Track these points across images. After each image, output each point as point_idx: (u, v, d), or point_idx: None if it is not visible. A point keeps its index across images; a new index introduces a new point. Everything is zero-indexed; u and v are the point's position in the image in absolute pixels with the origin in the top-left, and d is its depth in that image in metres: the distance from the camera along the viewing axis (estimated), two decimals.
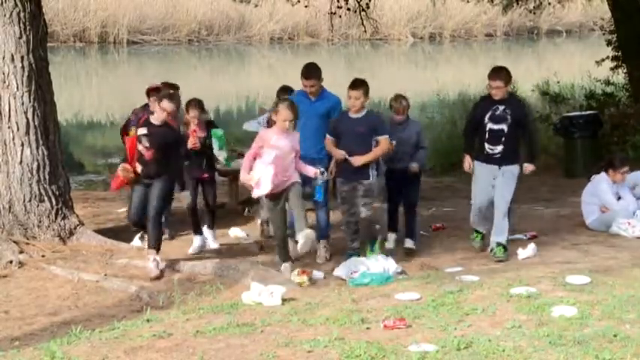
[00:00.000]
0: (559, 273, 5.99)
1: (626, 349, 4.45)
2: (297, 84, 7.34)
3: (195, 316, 5.31)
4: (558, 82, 14.11)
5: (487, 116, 6.79)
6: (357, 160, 6.54)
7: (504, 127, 6.74)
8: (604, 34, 14.04)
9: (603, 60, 13.18)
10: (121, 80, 24.54)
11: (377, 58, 31.43)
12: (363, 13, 13.86)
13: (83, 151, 14.78)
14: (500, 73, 6.87)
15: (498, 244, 6.74)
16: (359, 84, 6.66)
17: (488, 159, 6.82)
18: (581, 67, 15.62)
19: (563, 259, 6.62)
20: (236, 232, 7.88)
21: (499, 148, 6.77)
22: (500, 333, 4.77)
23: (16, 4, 7.08)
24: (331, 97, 6.97)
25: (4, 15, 7.07)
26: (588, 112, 11.64)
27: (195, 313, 5.37)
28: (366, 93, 6.62)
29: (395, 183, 7.18)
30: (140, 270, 6.57)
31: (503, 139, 6.75)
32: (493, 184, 6.84)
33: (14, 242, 6.97)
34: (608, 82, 12.98)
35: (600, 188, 7.86)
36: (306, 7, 13.69)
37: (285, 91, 7.94)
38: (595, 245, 7.10)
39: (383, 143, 6.63)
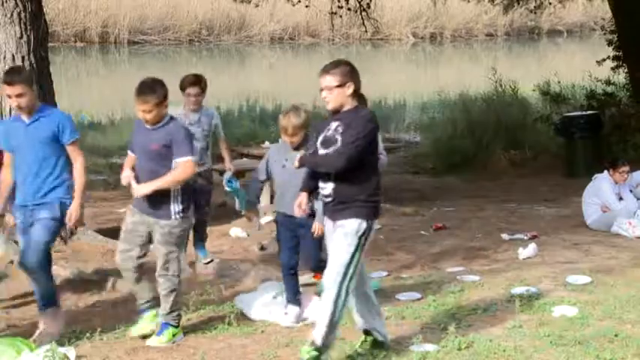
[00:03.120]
0: (560, 273, 5.99)
1: (627, 349, 4.45)
2: (297, 84, 7.34)
3: (196, 316, 5.31)
4: (559, 82, 14.09)
5: (320, 140, 4.46)
6: (139, 190, 4.80)
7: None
8: (605, 34, 14.01)
9: (604, 60, 13.15)
10: (122, 80, 24.54)
11: (378, 58, 31.43)
12: (363, 13, 13.86)
13: (84, 151, 14.76)
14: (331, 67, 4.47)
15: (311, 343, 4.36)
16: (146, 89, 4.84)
17: (325, 205, 4.50)
18: (582, 67, 15.58)
19: (564, 259, 6.62)
20: (237, 232, 7.89)
21: (329, 187, 4.39)
22: (501, 333, 4.77)
23: (17, 5, 7.09)
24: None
25: (5, 15, 7.07)
26: (589, 112, 11.63)
27: (196, 313, 5.37)
28: (161, 97, 4.78)
29: (286, 231, 5.21)
30: None
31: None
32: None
33: (15, 242, 6.96)
34: (608, 82, 12.96)
35: (601, 188, 7.86)
36: (306, 7, 13.69)
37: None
38: (596, 245, 7.10)
39: (181, 167, 4.78)
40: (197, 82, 6.55)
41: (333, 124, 4.36)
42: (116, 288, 6.13)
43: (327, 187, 4.37)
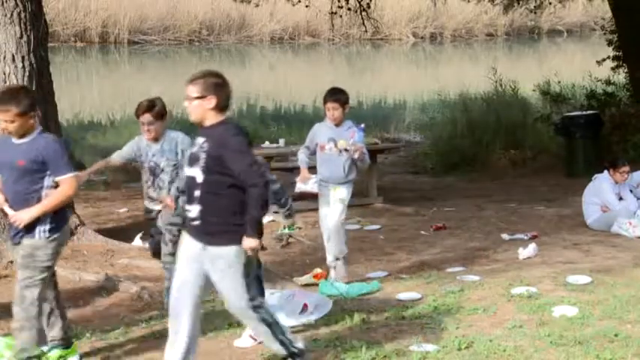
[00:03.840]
0: (560, 273, 5.99)
1: (628, 349, 4.45)
2: (297, 84, 7.33)
3: None
4: (559, 82, 14.10)
5: (187, 156, 4.31)
6: (18, 218, 4.29)
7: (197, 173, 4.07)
8: (605, 33, 14.02)
9: (604, 60, 13.16)
10: (122, 80, 24.54)
11: (378, 58, 31.43)
12: (363, 13, 13.87)
13: (84, 151, 14.75)
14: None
15: None
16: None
17: (190, 228, 4.13)
18: (582, 66, 15.60)
19: (564, 258, 6.61)
20: None
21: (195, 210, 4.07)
22: (501, 333, 4.77)
23: (17, 4, 7.08)
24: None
25: (5, 15, 7.06)
26: (589, 112, 11.62)
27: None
28: (26, 107, 4.27)
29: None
30: (141, 270, 6.57)
31: (197, 193, 4.07)
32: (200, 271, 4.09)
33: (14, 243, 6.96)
34: (608, 82, 12.96)
35: (602, 188, 7.86)
36: (306, 7, 13.69)
37: None
38: (596, 245, 7.09)
39: (63, 186, 4.30)
40: (149, 108, 5.56)
41: (200, 140, 4.08)
42: (117, 288, 6.13)
43: (193, 210, 4.03)
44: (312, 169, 6.19)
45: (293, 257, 7.10)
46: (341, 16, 14.07)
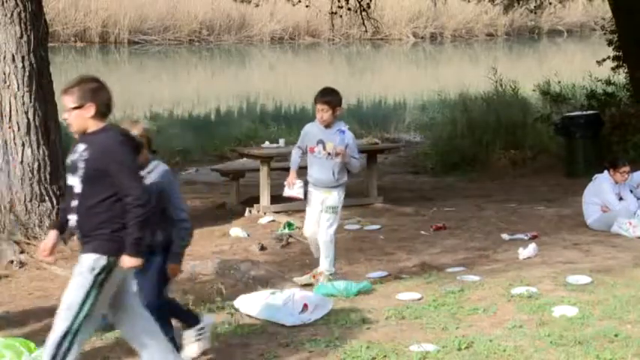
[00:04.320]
0: (560, 273, 5.99)
1: (628, 349, 4.45)
2: (297, 83, 7.33)
3: None
4: (559, 82, 14.10)
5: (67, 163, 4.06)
6: None
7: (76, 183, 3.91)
8: (605, 33, 14.01)
9: (604, 60, 13.15)
10: (122, 80, 24.54)
11: (378, 58, 31.43)
12: (364, 13, 13.86)
13: None
14: None
15: None
16: None
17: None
18: (582, 66, 15.60)
19: (564, 259, 6.61)
20: (237, 232, 7.89)
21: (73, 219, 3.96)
22: (501, 333, 4.77)
23: (17, 4, 7.09)
24: None
25: (5, 15, 7.07)
26: (589, 112, 11.62)
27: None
28: None
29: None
30: None
31: (75, 202, 3.92)
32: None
33: (15, 242, 6.97)
34: (609, 82, 12.96)
35: (602, 188, 7.85)
36: (307, 7, 13.70)
37: None
38: (596, 245, 7.09)
39: None
40: None
41: (80, 147, 3.89)
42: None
43: (72, 219, 3.91)
44: (304, 169, 6.09)
45: (293, 257, 7.10)
46: (341, 16, 14.07)
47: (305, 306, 5.10)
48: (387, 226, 8.08)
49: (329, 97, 5.79)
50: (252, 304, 5.30)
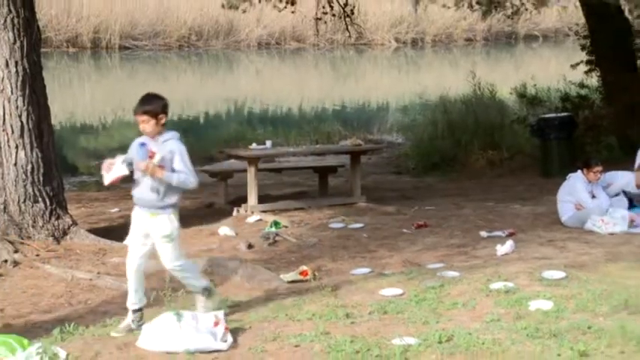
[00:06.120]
0: (536, 268, 6.02)
1: (600, 341, 4.48)
2: (283, 87, 7.32)
3: None
4: (535, 85, 14.17)
5: None
6: None
7: None
8: (578, 39, 14.09)
9: (578, 64, 13.23)
10: (113, 85, 24.42)
11: (361, 62, 31.45)
12: (347, 19, 13.86)
13: (76, 153, 14.71)
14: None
15: None
16: None
17: None
18: (557, 70, 15.68)
19: (539, 255, 6.65)
20: (225, 231, 7.88)
21: None
22: (480, 326, 4.79)
23: (10, 11, 7.04)
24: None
25: None
26: (563, 114, 11.68)
27: (185, 309, 5.35)
28: None
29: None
30: None
31: None
32: None
33: (9, 242, 6.93)
34: (582, 85, 13.04)
35: (575, 187, 7.90)
36: (292, 13, 13.68)
37: None
38: (570, 242, 7.13)
39: None
40: None
41: None
42: (108, 286, 6.11)
43: None
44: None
45: (280, 255, 7.10)
46: (325, 22, 14.06)
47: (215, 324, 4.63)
48: (371, 225, 8.09)
49: (146, 105, 4.82)
50: (164, 339, 4.58)
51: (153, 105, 4.83)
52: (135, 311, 4.96)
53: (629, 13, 12.70)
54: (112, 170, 4.87)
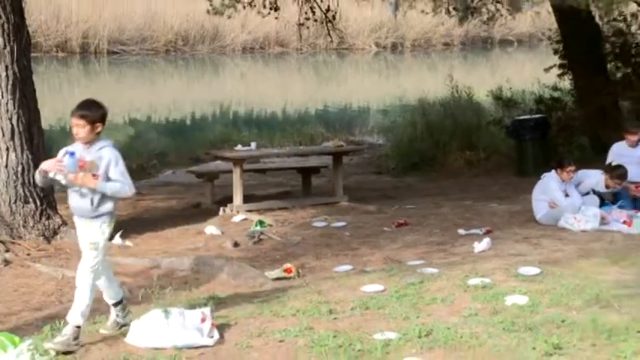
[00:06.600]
0: (512, 265, 6.05)
1: (573, 334, 4.52)
2: (267, 90, 7.31)
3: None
4: (510, 88, 14.25)
5: None
6: None
7: None
8: (551, 43, 14.19)
9: (551, 67, 13.32)
10: (102, 88, 24.26)
11: (343, 66, 31.48)
12: (329, 24, 13.87)
13: None
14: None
15: None
16: None
17: None
18: (531, 74, 15.77)
19: (515, 251, 6.68)
20: (212, 230, 7.85)
21: None
22: (458, 321, 4.81)
23: (0, 16, 6.99)
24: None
25: None
26: (537, 116, 11.76)
27: (173, 307, 5.32)
28: None
29: None
30: (121, 266, 6.51)
31: None
32: None
33: (1, 242, 6.88)
34: (555, 88, 13.12)
35: (549, 186, 7.96)
36: (276, 18, 13.67)
37: None
38: (544, 239, 7.18)
39: None
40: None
41: None
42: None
43: None
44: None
45: (264, 253, 7.09)
46: (308, 27, 14.06)
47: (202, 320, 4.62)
48: (353, 223, 8.10)
49: (86, 111, 4.52)
50: (153, 335, 4.56)
51: (92, 111, 4.53)
52: (115, 304, 4.89)
53: (600, 19, 12.82)
54: (63, 161, 4.52)
